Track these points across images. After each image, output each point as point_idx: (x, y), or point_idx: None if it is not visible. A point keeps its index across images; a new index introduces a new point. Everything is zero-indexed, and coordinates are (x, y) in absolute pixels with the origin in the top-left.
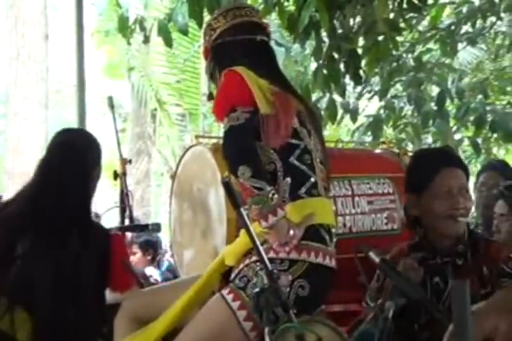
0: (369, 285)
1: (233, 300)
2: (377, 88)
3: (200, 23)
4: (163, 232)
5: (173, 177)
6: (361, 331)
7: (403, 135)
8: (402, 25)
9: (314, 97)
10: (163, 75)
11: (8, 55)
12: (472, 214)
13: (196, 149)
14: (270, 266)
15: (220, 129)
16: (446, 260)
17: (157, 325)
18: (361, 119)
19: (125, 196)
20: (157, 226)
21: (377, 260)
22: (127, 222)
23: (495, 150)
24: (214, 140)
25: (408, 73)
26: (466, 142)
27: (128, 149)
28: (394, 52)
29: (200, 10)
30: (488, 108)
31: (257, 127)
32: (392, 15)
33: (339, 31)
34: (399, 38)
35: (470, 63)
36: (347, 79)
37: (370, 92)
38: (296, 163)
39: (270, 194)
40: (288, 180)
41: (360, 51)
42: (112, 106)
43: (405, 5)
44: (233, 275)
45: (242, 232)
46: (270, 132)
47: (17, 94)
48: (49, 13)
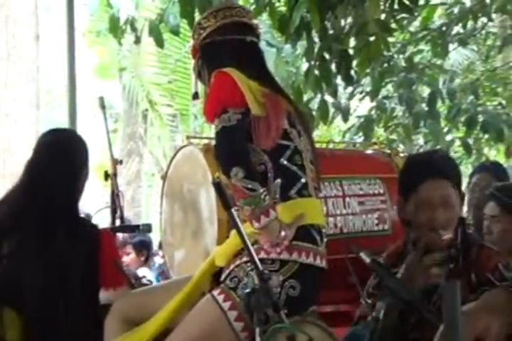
0: (360, 285)
1: (224, 300)
2: (368, 88)
3: (191, 24)
4: (153, 233)
5: (164, 177)
6: (350, 333)
7: (394, 136)
8: (394, 25)
9: (306, 98)
10: (154, 76)
11: None
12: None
13: (187, 150)
14: (261, 267)
15: (212, 130)
16: None
17: (148, 326)
18: (353, 120)
19: (116, 196)
20: (148, 226)
21: (368, 260)
22: (118, 223)
23: (486, 150)
24: (205, 140)
25: (399, 74)
26: (458, 143)
27: (119, 149)
28: (385, 52)
29: (191, 10)
30: (479, 109)
31: (248, 128)
32: (383, 16)
33: (330, 32)
34: (390, 39)
35: (461, 64)
36: (338, 79)
37: (362, 93)
38: (286, 164)
39: (262, 195)
40: (278, 181)
41: (351, 52)
42: (103, 106)
43: (396, 6)
44: (224, 275)
45: (233, 233)
46: (261, 133)
47: (7, 95)
48: (40, 14)
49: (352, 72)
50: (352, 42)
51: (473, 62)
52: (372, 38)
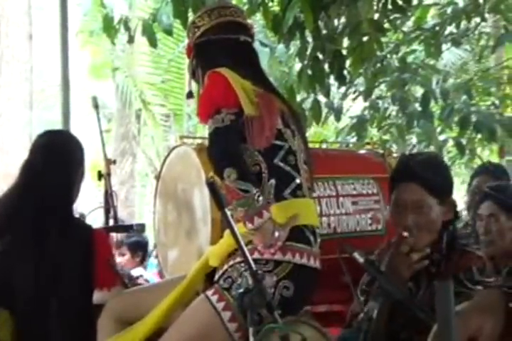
0: (353, 285)
1: (218, 301)
2: (361, 88)
3: (184, 24)
4: (148, 233)
5: (157, 177)
6: (340, 336)
7: (387, 136)
8: (387, 25)
9: (299, 98)
10: (147, 75)
11: None
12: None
13: (181, 149)
14: (255, 267)
15: (205, 130)
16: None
17: (141, 326)
18: (346, 120)
19: (109, 196)
20: (141, 226)
21: (361, 260)
22: (112, 223)
23: (479, 150)
24: (198, 140)
25: (392, 74)
26: (451, 143)
27: (112, 149)
28: (378, 52)
29: (184, 10)
30: (472, 109)
31: (242, 129)
32: (376, 16)
33: (324, 32)
34: (383, 39)
35: (454, 64)
36: (331, 79)
37: (355, 93)
38: (280, 165)
39: (256, 196)
40: (273, 182)
41: (344, 52)
42: (97, 106)
43: (390, 6)
44: (217, 276)
45: (227, 233)
46: (255, 133)
47: (1, 95)
48: (33, 13)
49: (345, 72)
50: (345, 42)
51: (466, 62)
52: (365, 38)
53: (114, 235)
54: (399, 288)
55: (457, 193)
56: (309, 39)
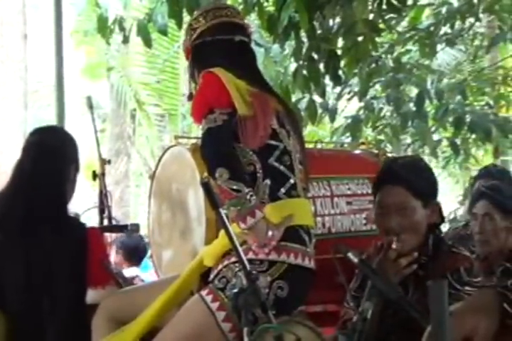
0: (348, 285)
1: (212, 301)
2: (356, 89)
3: (179, 24)
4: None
5: (152, 177)
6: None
7: (382, 136)
8: (382, 26)
9: (294, 98)
10: (142, 75)
11: None
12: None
13: (175, 149)
14: (249, 267)
15: (200, 130)
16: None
17: (135, 325)
18: (341, 120)
19: (104, 196)
20: (136, 226)
21: (355, 260)
22: (106, 223)
23: (474, 150)
24: (193, 140)
25: (387, 74)
26: (445, 142)
27: (107, 149)
28: (373, 53)
29: (179, 10)
30: (466, 109)
31: (236, 128)
32: (371, 16)
33: (319, 32)
34: (378, 39)
35: (449, 64)
36: (326, 79)
37: (350, 93)
38: (275, 164)
39: (248, 196)
40: (267, 182)
41: (339, 52)
42: (91, 106)
43: (385, 6)
44: (212, 275)
45: (222, 233)
46: (249, 133)
47: None
48: (28, 13)
49: (340, 72)
50: (340, 42)
51: (460, 62)
52: (360, 38)
53: (109, 235)
54: (393, 288)
55: (451, 193)
56: (304, 39)
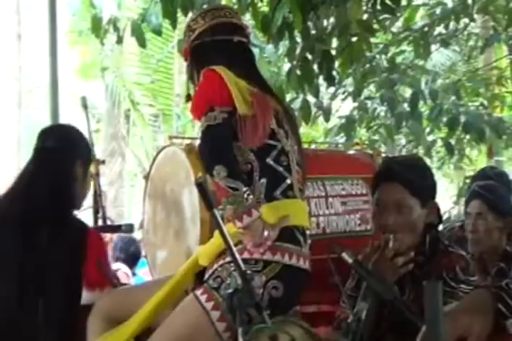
0: (342, 285)
1: (207, 300)
2: (350, 89)
3: (173, 24)
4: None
5: (146, 177)
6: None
7: (376, 136)
8: (376, 26)
9: (288, 98)
10: (136, 76)
11: None
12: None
13: (170, 150)
14: (244, 267)
15: (194, 130)
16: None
17: (130, 324)
18: (335, 120)
19: (98, 197)
20: (130, 226)
21: (350, 261)
22: (100, 223)
23: (468, 151)
24: (187, 140)
25: (381, 74)
26: (440, 143)
27: (101, 150)
28: (367, 53)
29: (173, 10)
30: (461, 109)
31: (235, 127)
32: (365, 16)
33: (313, 32)
34: (372, 40)
35: (443, 65)
36: (320, 80)
37: (344, 93)
38: (272, 164)
39: (245, 194)
40: (264, 181)
41: (333, 52)
42: (86, 106)
43: (379, 6)
44: (207, 275)
45: (217, 233)
46: (248, 132)
47: None
48: (22, 13)
49: (334, 73)
50: (334, 42)
51: (455, 62)
52: (354, 39)
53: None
54: (388, 289)
55: (446, 193)
56: (298, 39)
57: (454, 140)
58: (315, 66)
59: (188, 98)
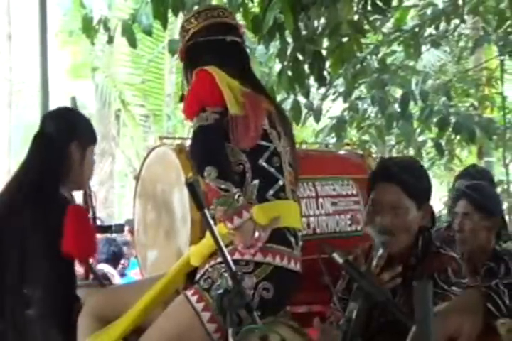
0: (333, 286)
1: (197, 301)
2: (341, 89)
3: (164, 24)
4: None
5: (136, 178)
6: None
7: (367, 136)
8: (367, 27)
9: (279, 98)
10: (127, 76)
11: None
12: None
13: (160, 150)
14: (234, 268)
15: (184, 130)
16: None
17: (120, 323)
18: (326, 121)
19: (88, 197)
20: (120, 227)
21: (340, 261)
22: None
23: (458, 151)
24: (178, 141)
25: (372, 75)
26: (430, 143)
27: None
28: (358, 54)
29: (164, 10)
30: (451, 110)
31: (227, 128)
32: (356, 17)
33: (303, 33)
34: (363, 40)
35: (434, 65)
36: (311, 80)
37: (335, 94)
38: (264, 166)
39: (236, 195)
40: (256, 182)
41: (324, 53)
42: (76, 106)
43: (370, 7)
44: (198, 276)
45: (208, 233)
46: (240, 133)
47: None
48: (12, 13)
49: (325, 73)
50: (325, 43)
51: (445, 63)
52: (345, 39)
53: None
54: (379, 289)
55: (436, 194)
56: (289, 40)
57: (444, 140)
58: (306, 66)
59: (182, 98)
